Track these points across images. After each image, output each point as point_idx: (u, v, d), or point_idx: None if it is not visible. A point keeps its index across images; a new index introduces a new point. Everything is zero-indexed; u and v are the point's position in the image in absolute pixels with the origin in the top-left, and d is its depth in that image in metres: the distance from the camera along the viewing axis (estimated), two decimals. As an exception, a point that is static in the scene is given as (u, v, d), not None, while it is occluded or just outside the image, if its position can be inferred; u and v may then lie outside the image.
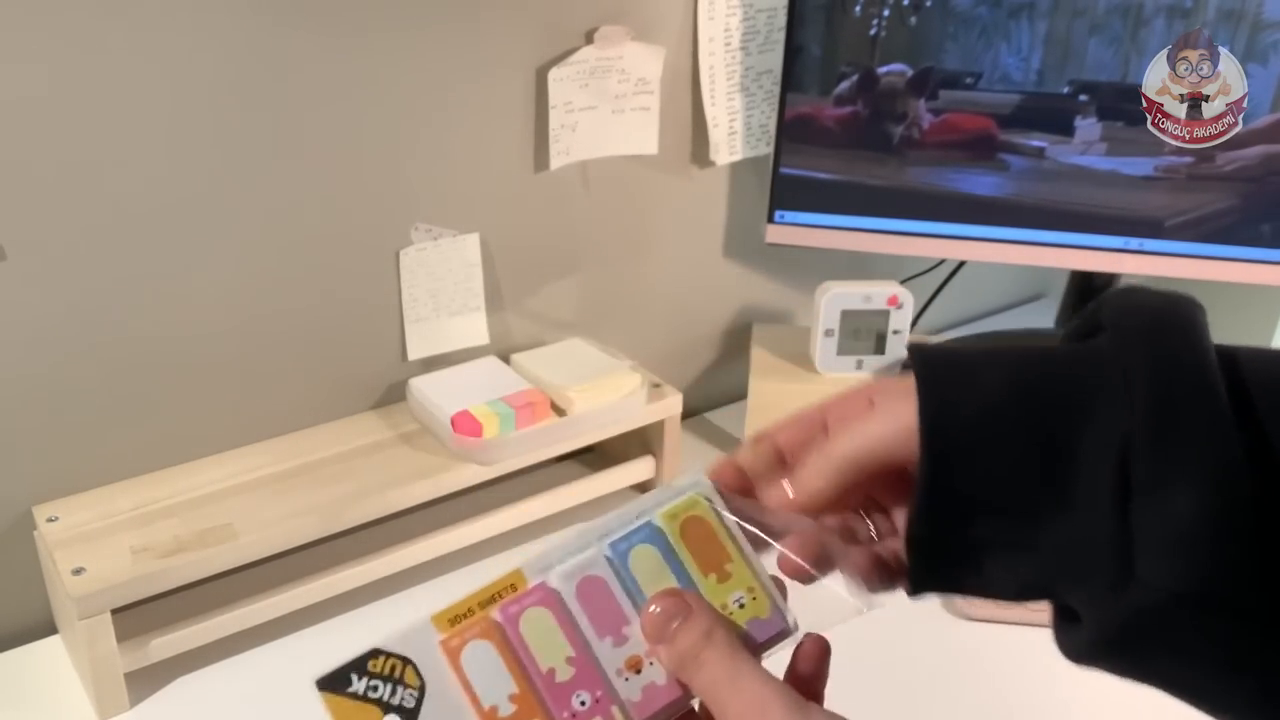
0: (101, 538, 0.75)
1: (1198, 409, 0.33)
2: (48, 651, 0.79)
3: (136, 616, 0.75)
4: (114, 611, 0.71)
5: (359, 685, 0.37)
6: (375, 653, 0.37)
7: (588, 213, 1.01)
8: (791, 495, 0.41)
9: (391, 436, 0.89)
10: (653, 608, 0.38)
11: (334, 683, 0.37)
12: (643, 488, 1.00)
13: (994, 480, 0.36)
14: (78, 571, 0.71)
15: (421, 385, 0.91)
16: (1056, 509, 0.35)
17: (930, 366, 0.38)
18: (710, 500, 0.41)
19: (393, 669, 0.37)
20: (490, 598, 0.38)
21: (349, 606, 0.84)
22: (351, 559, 0.83)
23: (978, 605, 0.83)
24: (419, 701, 0.37)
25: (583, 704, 0.37)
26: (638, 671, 0.38)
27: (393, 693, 0.37)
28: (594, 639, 0.38)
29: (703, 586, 0.40)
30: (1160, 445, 0.33)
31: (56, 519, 0.77)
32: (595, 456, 1.02)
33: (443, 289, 0.93)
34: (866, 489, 0.43)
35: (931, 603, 0.85)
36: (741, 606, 0.40)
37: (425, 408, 0.89)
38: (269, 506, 0.79)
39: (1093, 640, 0.36)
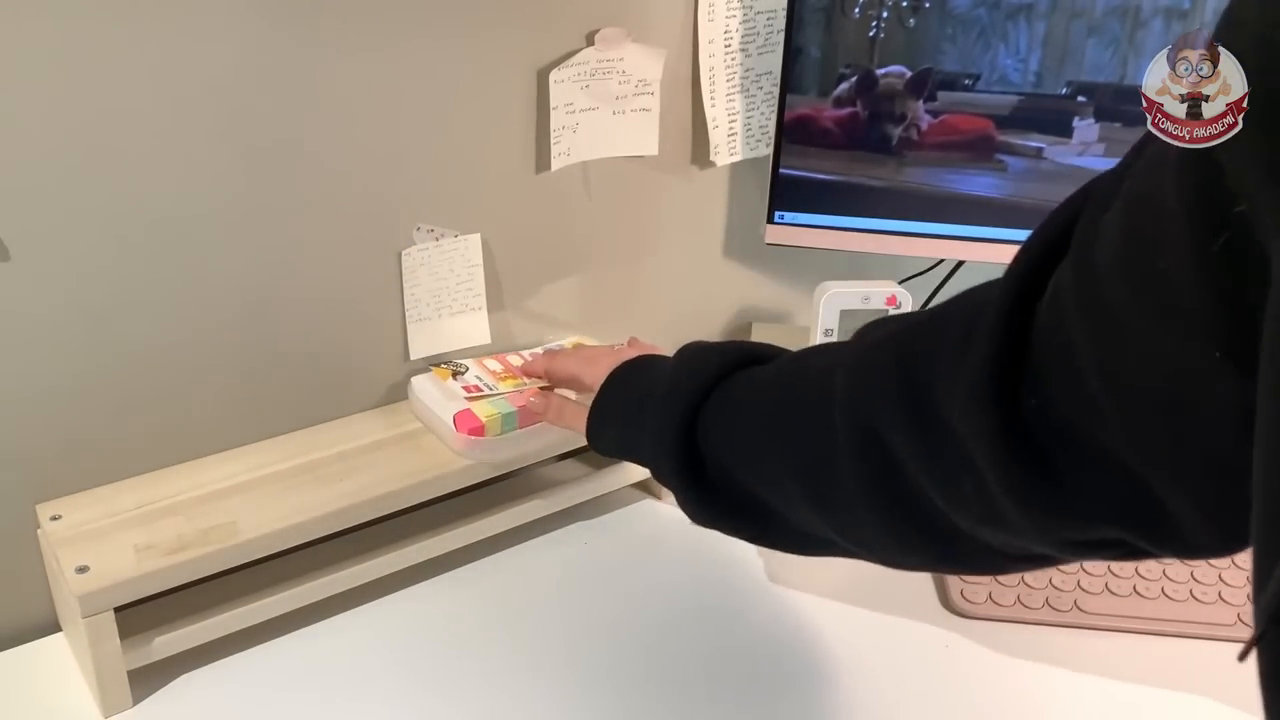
0: (105, 536, 0.75)
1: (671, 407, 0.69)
2: (51, 650, 0.80)
3: (139, 614, 0.76)
4: (117, 609, 0.71)
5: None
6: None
7: (589, 213, 1.01)
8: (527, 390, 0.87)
9: (393, 435, 0.89)
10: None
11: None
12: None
13: (613, 438, 0.77)
14: (81, 570, 0.71)
15: (423, 384, 0.91)
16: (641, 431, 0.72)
17: (597, 417, 0.78)
18: None
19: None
20: None
21: (351, 604, 0.84)
22: (353, 557, 0.84)
23: (975, 603, 0.84)
24: None
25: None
26: None
27: None
28: None
29: None
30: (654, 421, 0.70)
31: (60, 517, 0.77)
32: (596, 456, 1.02)
33: (444, 289, 0.93)
34: None
35: (929, 600, 0.85)
36: None
37: (427, 406, 0.89)
38: (271, 505, 0.79)
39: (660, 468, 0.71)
